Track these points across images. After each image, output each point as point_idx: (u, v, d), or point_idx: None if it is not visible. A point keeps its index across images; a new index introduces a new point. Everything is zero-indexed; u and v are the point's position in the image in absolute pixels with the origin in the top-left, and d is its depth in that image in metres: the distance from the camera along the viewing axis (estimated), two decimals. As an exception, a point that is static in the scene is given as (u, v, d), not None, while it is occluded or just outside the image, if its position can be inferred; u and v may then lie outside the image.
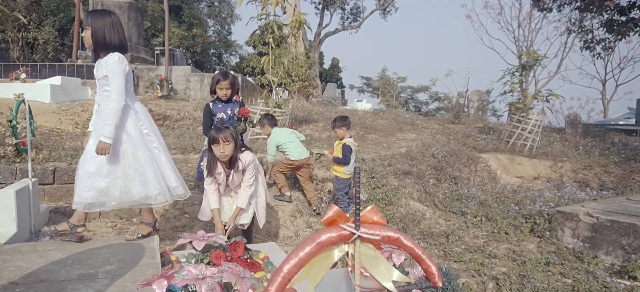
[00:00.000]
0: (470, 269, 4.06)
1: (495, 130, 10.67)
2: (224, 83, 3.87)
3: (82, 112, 8.07)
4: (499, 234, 4.92)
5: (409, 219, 5.17)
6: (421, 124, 11.97)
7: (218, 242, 1.94)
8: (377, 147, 8.36)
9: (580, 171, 7.73)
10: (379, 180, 6.13)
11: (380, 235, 1.14)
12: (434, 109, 29.34)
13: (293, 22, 7.86)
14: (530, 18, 14.26)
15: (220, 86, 3.88)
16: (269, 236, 4.37)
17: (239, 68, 27.52)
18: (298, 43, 16.98)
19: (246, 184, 3.26)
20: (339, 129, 4.85)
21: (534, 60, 8.88)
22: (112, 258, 2.67)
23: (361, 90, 33.56)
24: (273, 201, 5.00)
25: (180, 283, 1.30)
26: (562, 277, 3.92)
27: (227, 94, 3.90)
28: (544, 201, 5.97)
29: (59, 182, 4.62)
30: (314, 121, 10.14)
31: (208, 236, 1.92)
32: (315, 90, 18.75)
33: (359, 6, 25.62)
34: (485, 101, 15.31)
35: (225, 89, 3.88)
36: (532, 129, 8.74)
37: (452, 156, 7.78)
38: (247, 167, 3.24)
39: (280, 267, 1.05)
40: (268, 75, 8.33)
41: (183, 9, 24.70)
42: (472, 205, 5.86)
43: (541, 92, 9.28)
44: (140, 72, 12.48)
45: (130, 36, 13.33)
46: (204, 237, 1.90)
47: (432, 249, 4.51)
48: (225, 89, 3.88)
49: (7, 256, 2.71)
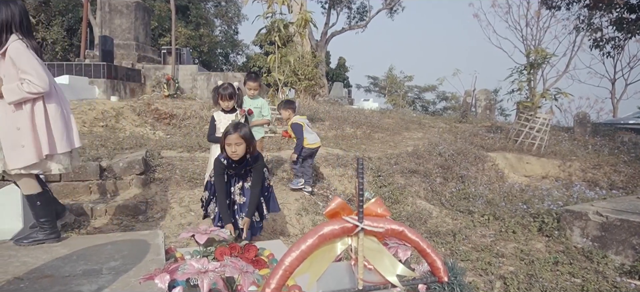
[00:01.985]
0: (477, 268, 4.02)
1: (503, 129, 10.58)
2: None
3: (90, 111, 8.11)
4: (506, 233, 4.86)
5: (415, 218, 5.14)
6: (428, 123, 11.91)
7: (221, 236, 1.93)
8: (383, 146, 8.32)
9: (590, 170, 7.64)
10: (386, 178, 6.09)
11: (384, 227, 1.11)
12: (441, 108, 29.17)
13: (299, 20, 7.84)
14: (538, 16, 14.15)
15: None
16: (274, 234, 4.36)
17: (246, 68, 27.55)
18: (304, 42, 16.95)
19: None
20: (284, 111, 5.29)
21: (542, 58, 8.80)
22: (117, 254, 2.67)
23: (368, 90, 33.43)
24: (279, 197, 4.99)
25: (182, 277, 1.28)
26: (571, 276, 3.87)
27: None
28: (553, 199, 5.90)
29: (66, 180, 4.64)
30: (320, 120, 10.12)
31: (211, 230, 1.90)
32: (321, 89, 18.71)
33: (365, 5, 25.56)
34: (492, 100, 15.21)
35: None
36: (541, 127, 8.65)
37: (459, 154, 7.72)
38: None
39: (281, 260, 1.03)
40: (274, 74, 8.32)
41: (190, 9, 24.76)
42: (480, 204, 5.81)
43: (549, 91, 9.19)
44: (148, 71, 12.54)
45: (138, 35, 13.39)
46: (207, 230, 1.88)
47: (439, 247, 4.47)
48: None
49: (12, 252, 2.72)
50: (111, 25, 13.05)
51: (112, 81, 10.35)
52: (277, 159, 6.22)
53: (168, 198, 4.75)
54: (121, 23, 13.11)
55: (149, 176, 5.07)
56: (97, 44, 12.73)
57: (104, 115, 8.17)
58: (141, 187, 4.88)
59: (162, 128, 8.50)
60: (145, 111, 9.07)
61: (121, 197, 4.67)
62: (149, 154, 5.58)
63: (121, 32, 13.11)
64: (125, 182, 4.88)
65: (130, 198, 4.64)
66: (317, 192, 5.48)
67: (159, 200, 4.69)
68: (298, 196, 5.13)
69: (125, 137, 6.92)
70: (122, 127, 8.01)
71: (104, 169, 4.91)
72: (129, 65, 12.43)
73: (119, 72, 10.87)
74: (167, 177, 5.15)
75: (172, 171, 5.32)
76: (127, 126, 8.15)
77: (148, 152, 5.59)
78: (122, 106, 8.88)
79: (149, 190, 4.87)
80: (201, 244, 1.88)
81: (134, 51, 13.08)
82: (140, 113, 8.91)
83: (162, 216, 4.45)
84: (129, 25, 13.15)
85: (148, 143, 6.61)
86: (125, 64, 12.43)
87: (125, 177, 4.92)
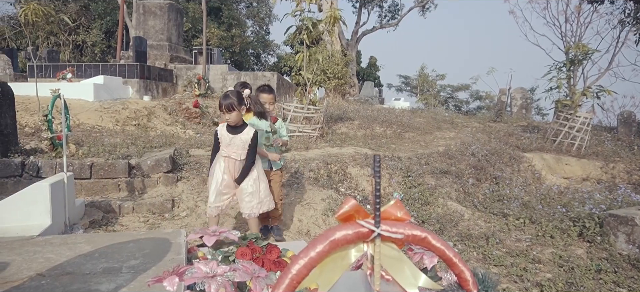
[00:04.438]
0: (512, 274, 3.81)
1: (540, 129, 10.15)
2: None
3: (123, 110, 8.28)
4: (543, 237, 4.61)
5: (446, 220, 4.95)
6: (461, 123, 11.57)
7: (230, 238, 1.85)
8: (414, 146, 8.12)
9: (635, 171, 7.19)
10: (415, 179, 5.91)
11: (404, 234, 0.99)
12: (475, 107, 28.41)
13: (327, 18, 7.74)
14: (579, 12, 13.50)
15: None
16: (300, 234, 4.27)
17: (277, 67, 27.71)
18: (334, 40, 16.86)
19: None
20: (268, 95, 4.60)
21: (583, 54, 8.36)
22: (138, 253, 2.65)
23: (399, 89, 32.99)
24: (306, 197, 4.91)
25: (188, 281, 1.21)
26: (616, 286, 3.60)
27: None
28: (595, 203, 5.56)
29: (96, 177, 4.71)
30: (349, 119, 9.99)
31: (220, 232, 1.82)
32: (352, 89, 18.57)
33: (397, 4, 25.15)
34: (529, 99, 14.65)
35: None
36: (581, 127, 8.23)
37: (493, 155, 7.43)
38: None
39: (288, 268, 0.92)
40: (303, 73, 8.25)
41: (222, 10, 25.09)
42: (515, 206, 5.55)
43: (591, 89, 8.72)
44: (179, 71, 12.74)
45: (170, 36, 13.63)
46: (216, 232, 1.81)
47: (471, 251, 4.27)
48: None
49: (38, 248, 2.74)
50: (145, 26, 13.33)
51: (145, 81, 10.56)
52: (304, 159, 6.14)
53: (194, 196, 4.75)
54: (155, 24, 13.37)
55: (176, 174, 5.09)
56: (132, 45, 13.04)
57: (136, 114, 8.33)
58: (168, 185, 4.90)
59: (192, 127, 8.59)
60: (176, 110, 9.20)
61: (148, 195, 4.71)
62: (177, 152, 5.61)
63: (155, 33, 13.38)
64: (152, 180, 4.92)
65: (157, 196, 4.66)
66: (344, 192, 5.37)
67: (186, 198, 4.70)
68: (324, 196, 5.03)
69: (155, 136, 7.01)
70: (154, 126, 8.14)
71: (133, 166, 4.97)
72: (162, 65, 12.66)
73: (151, 72, 11.08)
74: (194, 176, 5.16)
75: (199, 170, 5.32)
76: (159, 125, 8.27)
77: (176, 151, 5.62)
78: (154, 105, 9.03)
79: (176, 188, 4.88)
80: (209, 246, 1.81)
81: (167, 52, 13.32)
82: (172, 112, 9.04)
83: (188, 214, 4.45)
84: (162, 26, 13.40)
85: (177, 142, 6.67)
86: (158, 64, 12.67)
87: (153, 175, 4.96)
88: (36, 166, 4.75)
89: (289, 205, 4.72)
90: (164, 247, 2.75)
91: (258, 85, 4.07)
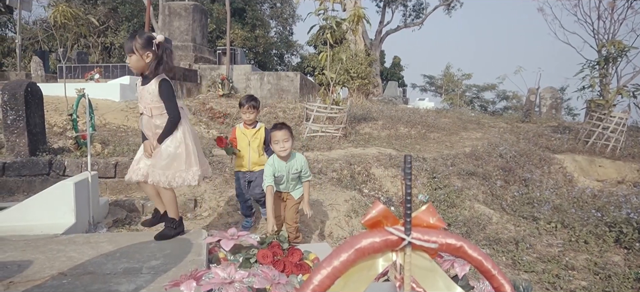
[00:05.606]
0: (543, 281, 3.64)
1: (572, 130, 9.80)
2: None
3: (148, 110, 8.38)
4: (577, 243, 4.40)
5: (473, 223, 4.78)
6: (487, 123, 11.29)
7: (248, 243, 1.78)
8: (439, 146, 7.94)
9: (675, 175, 6.85)
10: (441, 180, 5.76)
11: (437, 242, 0.89)
12: (502, 108, 27.78)
13: (351, 16, 7.64)
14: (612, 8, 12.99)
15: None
16: (321, 236, 4.20)
17: (300, 68, 27.74)
18: (357, 40, 16.73)
19: None
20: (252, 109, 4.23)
21: (619, 52, 8.01)
22: (159, 253, 2.62)
23: (423, 89, 32.59)
24: (328, 198, 4.83)
25: (205, 287, 1.15)
26: (657, 296, 3.40)
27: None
28: (632, 207, 5.30)
29: (120, 176, 4.74)
30: (373, 120, 9.86)
31: (238, 235, 1.76)
32: (375, 88, 18.39)
33: (421, 3, 24.80)
34: (559, 99, 14.19)
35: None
36: (616, 127, 7.90)
37: (522, 156, 7.19)
38: None
39: (309, 279, 0.84)
40: (326, 73, 8.17)
41: (246, 11, 25.27)
42: (546, 209, 5.33)
43: (627, 87, 8.36)
44: (203, 71, 12.85)
45: (195, 37, 13.77)
46: (234, 235, 1.74)
47: (500, 256, 4.11)
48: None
49: (61, 247, 2.75)
50: (170, 27, 13.50)
51: (170, 81, 10.66)
52: (327, 159, 6.07)
53: (216, 196, 4.73)
54: (179, 25, 13.53)
55: (199, 174, 5.07)
56: (158, 46, 13.20)
57: (161, 114, 8.40)
58: (191, 185, 4.89)
59: (216, 127, 8.62)
60: (200, 110, 9.25)
61: (172, 195, 4.70)
62: (200, 152, 5.61)
63: (180, 34, 13.53)
64: (176, 179, 4.92)
65: (180, 195, 4.66)
66: (368, 193, 5.26)
67: (208, 198, 4.68)
68: (347, 197, 4.94)
69: (179, 136, 7.05)
70: (178, 126, 8.19)
71: (157, 166, 4.98)
72: (186, 65, 12.79)
73: (176, 73, 11.20)
74: (217, 176, 5.15)
75: (222, 170, 5.31)
76: (183, 125, 8.32)
77: (199, 150, 5.62)
78: (179, 105, 9.10)
79: (199, 188, 4.87)
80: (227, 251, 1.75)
81: (191, 52, 13.46)
82: (196, 112, 9.10)
83: (210, 214, 4.43)
84: (186, 27, 13.54)
85: (201, 141, 6.68)
86: (183, 64, 12.81)
87: (177, 174, 4.96)
88: (62, 164, 4.82)
89: (311, 206, 4.65)
90: (185, 248, 2.72)
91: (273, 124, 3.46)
